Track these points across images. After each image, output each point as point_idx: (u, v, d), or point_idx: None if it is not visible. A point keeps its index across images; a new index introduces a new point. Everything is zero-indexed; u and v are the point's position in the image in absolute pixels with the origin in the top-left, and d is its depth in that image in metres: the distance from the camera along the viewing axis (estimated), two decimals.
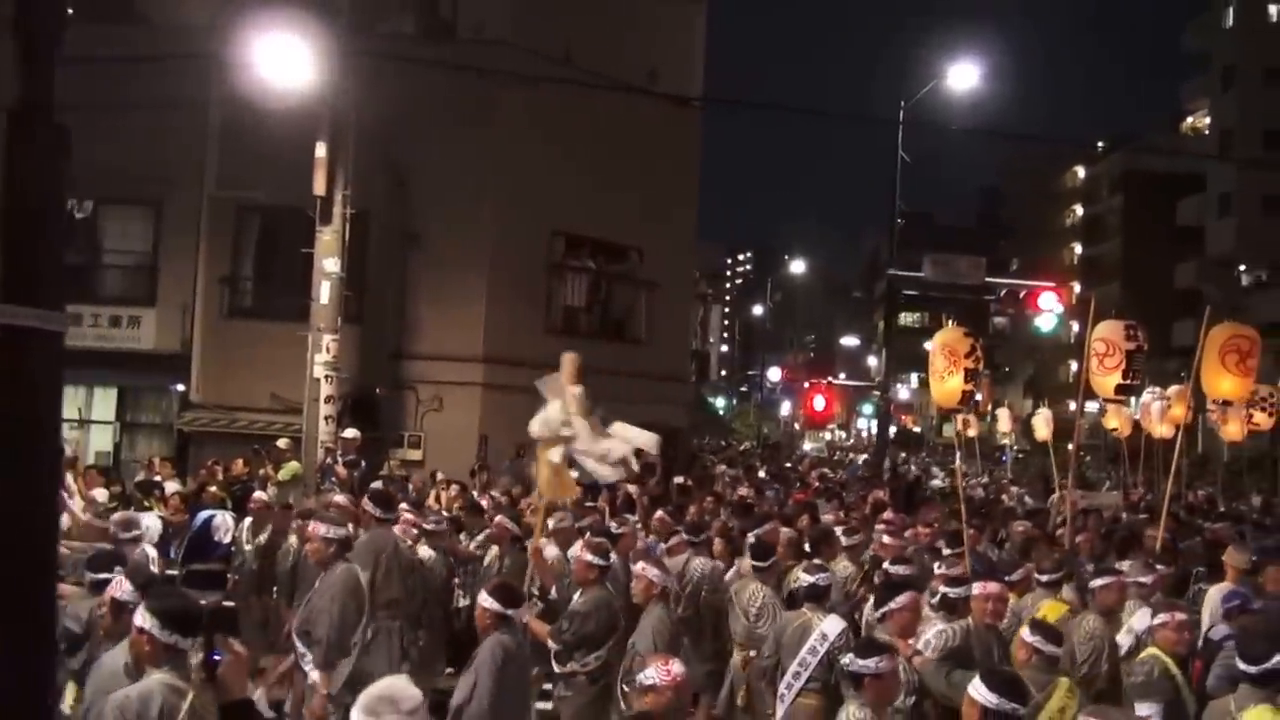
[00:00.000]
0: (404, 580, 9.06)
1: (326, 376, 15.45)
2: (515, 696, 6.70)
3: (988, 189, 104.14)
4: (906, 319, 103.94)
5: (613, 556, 8.84)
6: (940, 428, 72.06)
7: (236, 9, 16.41)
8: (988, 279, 28.08)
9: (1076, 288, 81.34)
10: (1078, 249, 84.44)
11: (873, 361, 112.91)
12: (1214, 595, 9.18)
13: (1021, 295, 26.46)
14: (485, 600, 6.65)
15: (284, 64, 14.87)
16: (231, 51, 15.36)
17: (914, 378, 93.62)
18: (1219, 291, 59.00)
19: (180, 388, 19.43)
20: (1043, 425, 23.24)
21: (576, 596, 8.42)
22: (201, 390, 19.23)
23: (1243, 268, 59.75)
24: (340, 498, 11.65)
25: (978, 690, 4.84)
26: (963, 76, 28.33)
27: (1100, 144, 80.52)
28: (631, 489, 15.11)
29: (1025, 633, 6.35)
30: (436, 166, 18.65)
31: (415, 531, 10.44)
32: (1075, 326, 50.74)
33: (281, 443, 15.91)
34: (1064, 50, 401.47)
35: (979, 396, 26.46)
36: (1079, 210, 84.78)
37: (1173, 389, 19.08)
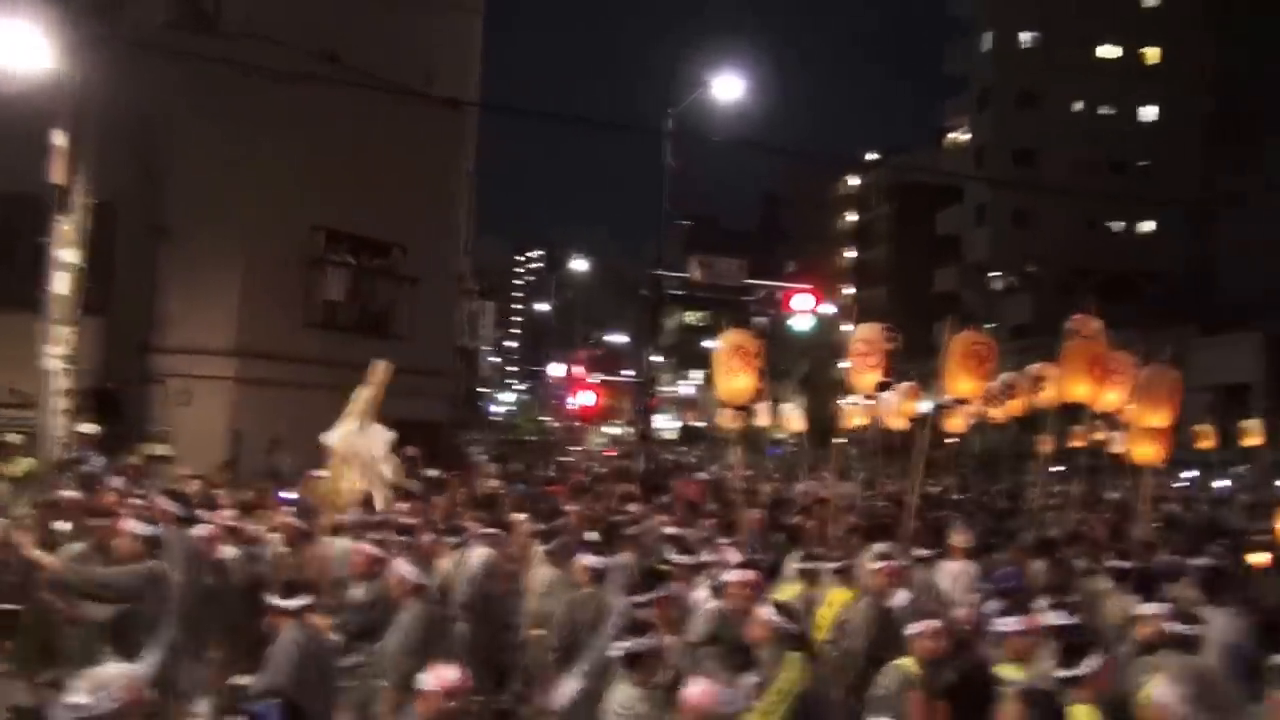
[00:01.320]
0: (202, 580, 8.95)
1: (65, 370, 14.90)
2: (316, 689, 6.72)
3: (769, 195, 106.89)
4: (691, 318, 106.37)
5: None
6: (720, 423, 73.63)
7: None
8: (748, 280, 29.00)
9: (850, 290, 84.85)
10: (850, 254, 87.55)
11: (655, 359, 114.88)
12: (954, 569, 10.20)
13: (777, 296, 27.41)
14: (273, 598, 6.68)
15: (13, 47, 14.27)
16: None
17: (699, 375, 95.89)
18: (975, 296, 62.43)
19: None
20: (796, 419, 24.20)
21: (358, 589, 8.48)
22: None
23: (996, 274, 63.21)
24: (71, 494, 11.33)
25: None
26: (729, 87, 29.01)
27: (873, 155, 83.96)
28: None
29: (765, 612, 6.63)
30: (192, 159, 18.22)
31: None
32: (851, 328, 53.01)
33: (12, 438, 15.22)
34: (844, 67, 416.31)
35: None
36: (851, 217, 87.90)
37: (903, 385, 20.16)
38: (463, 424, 23.18)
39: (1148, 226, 63.68)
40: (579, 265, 69.79)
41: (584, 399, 36.36)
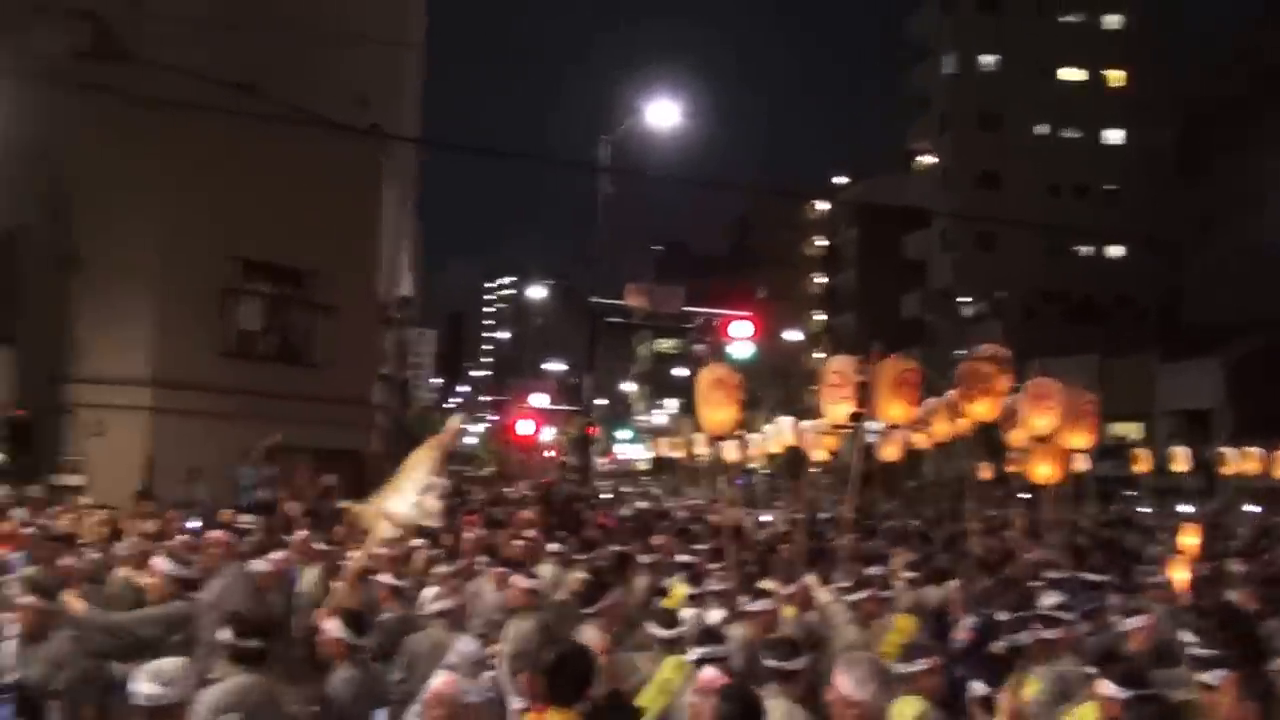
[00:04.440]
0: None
1: None
2: None
3: (741, 219, 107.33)
4: (664, 345, 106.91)
5: None
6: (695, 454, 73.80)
7: None
8: (685, 308, 29.60)
9: (820, 316, 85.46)
10: (820, 279, 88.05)
11: (629, 387, 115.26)
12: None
13: (714, 323, 27.98)
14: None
15: None
16: None
17: (673, 403, 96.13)
18: (942, 321, 62.97)
19: None
20: (771, 444, 24.60)
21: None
22: None
23: (963, 299, 63.70)
24: None
25: None
26: (664, 114, 29.65)
27: (841, 179, 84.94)
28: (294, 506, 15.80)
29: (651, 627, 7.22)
30: (103, 188, 18.74)
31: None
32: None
33: None
34: (811, 91, 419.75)
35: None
36: (820, 242, 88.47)
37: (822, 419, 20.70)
38: (395, 454, 23.53)
39: (1115, 251, 64.29)
40: (537, 292, 70.13)
41: (523, 428, 36.82)
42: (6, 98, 15.88)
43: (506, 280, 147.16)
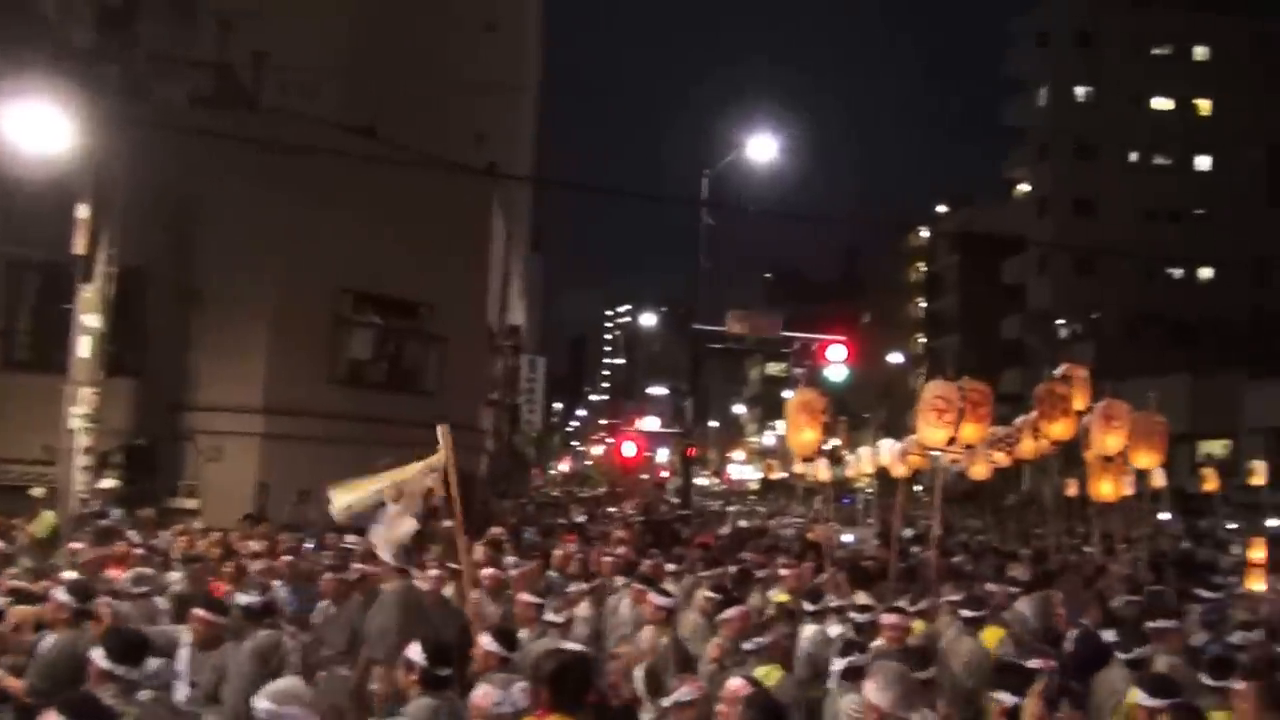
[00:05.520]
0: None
1: (87, 428, 15.12)
2: None
3: (850, 248, 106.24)
4: (773, 369, 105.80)
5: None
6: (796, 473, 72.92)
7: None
8: (784, 333, 28.65)
9: (923, 339, 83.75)
10: (923, 303, 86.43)
11: (739, 409, 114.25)
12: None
13: (812, 348, 27.03)
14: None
15: (45, 131, 14.63)
16: None
17: (782, 425, 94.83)
18: (1040, 342, 61.09)
19: None
20: (866, 464, 23.59)
21: None
22: None
23: (1060, 321, 61.84)
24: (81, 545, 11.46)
25: None
26: (763, 148, 28.65)
27: (943, 208, 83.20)
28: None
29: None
30: (223, 225, 18.50)
31: None
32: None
33: (35, 491, 15.46)
34: (915, 122, 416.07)
35: (838, 442, 26.96)
36: (923, 267, 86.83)
37: (909, 438, 19.71)
38: (504, 476, 23.07)
39: (1206, 273, 62.23)
40: (649, 320, 69.72)
41: (628, 450, 36.15)
42: (135, 142, 15.62)
43: (623, 309, 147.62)
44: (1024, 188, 67.44)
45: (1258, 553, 15.20)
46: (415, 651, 5.93)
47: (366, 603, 9.35)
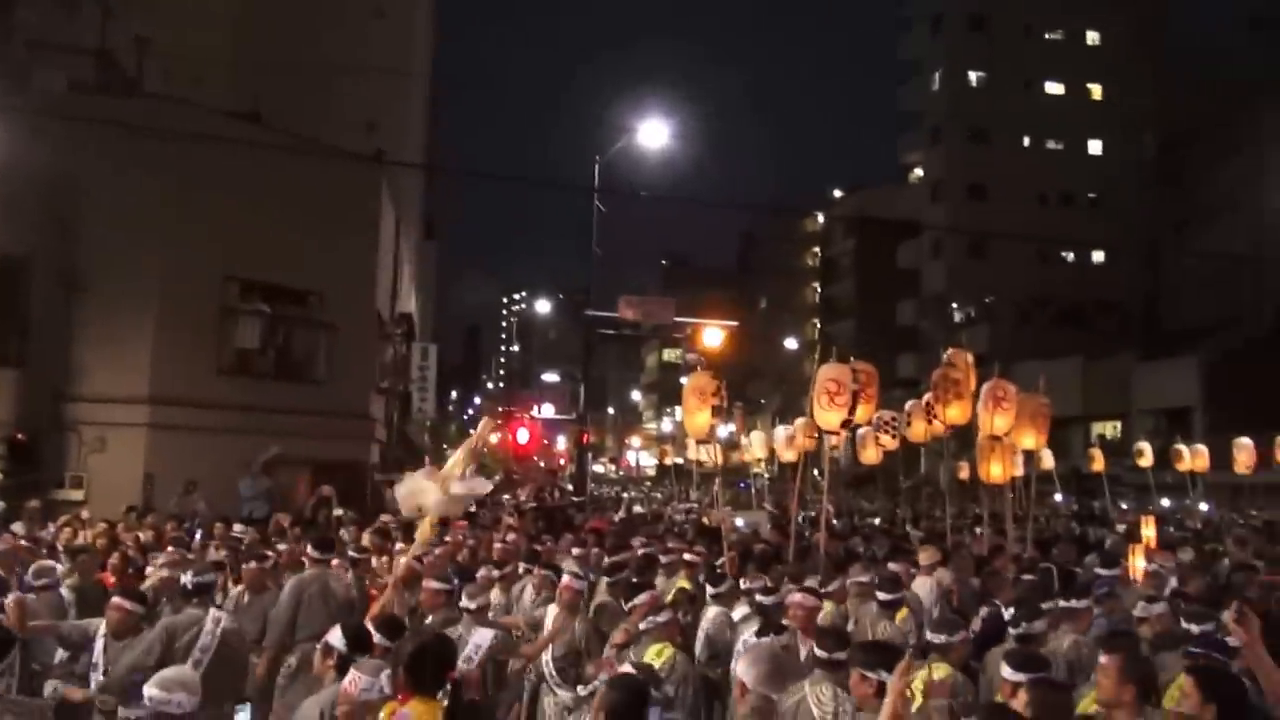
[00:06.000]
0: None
1: None
2: None
3: (745, 233, 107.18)
4: (670, 355, 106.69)
5: None
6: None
7: None
8: (677, 319, 29.46)
9: (818, 324, 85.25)
10: (819, 288, 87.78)
11: (637, 396, 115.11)
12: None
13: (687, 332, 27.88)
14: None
15: None
16: None
17: (677, 411, 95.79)
18: (934, 327, 62.78)
19: None
20: (759, 448, 24.46)
21: None
22: None
23: (954, 305, 63.55)
24: None
25: None
26: (655, 134, 29.28)
27: (839, 192, 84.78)
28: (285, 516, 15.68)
29: None
30: (107, 213, 18.58)
31: None
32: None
33: None
34: (810, 106, 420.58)
35: (734, 427, 27.63)
36: (819, 252, 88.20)
37: (798, 421, 20.69)
38: (396, 464, 23.44)
39: (1099, 257, 64.13)
40: (543, 307, 70.08)
41: (520, 437, 36.68)
42: (14, 130, 15.77)
43: (519, 296, 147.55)
44: (919, 172, 68.77)
45: (1148, 530, 16.06)
46: (335, 636, 6.04)
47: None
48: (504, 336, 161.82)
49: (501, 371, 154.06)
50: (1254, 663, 4.40)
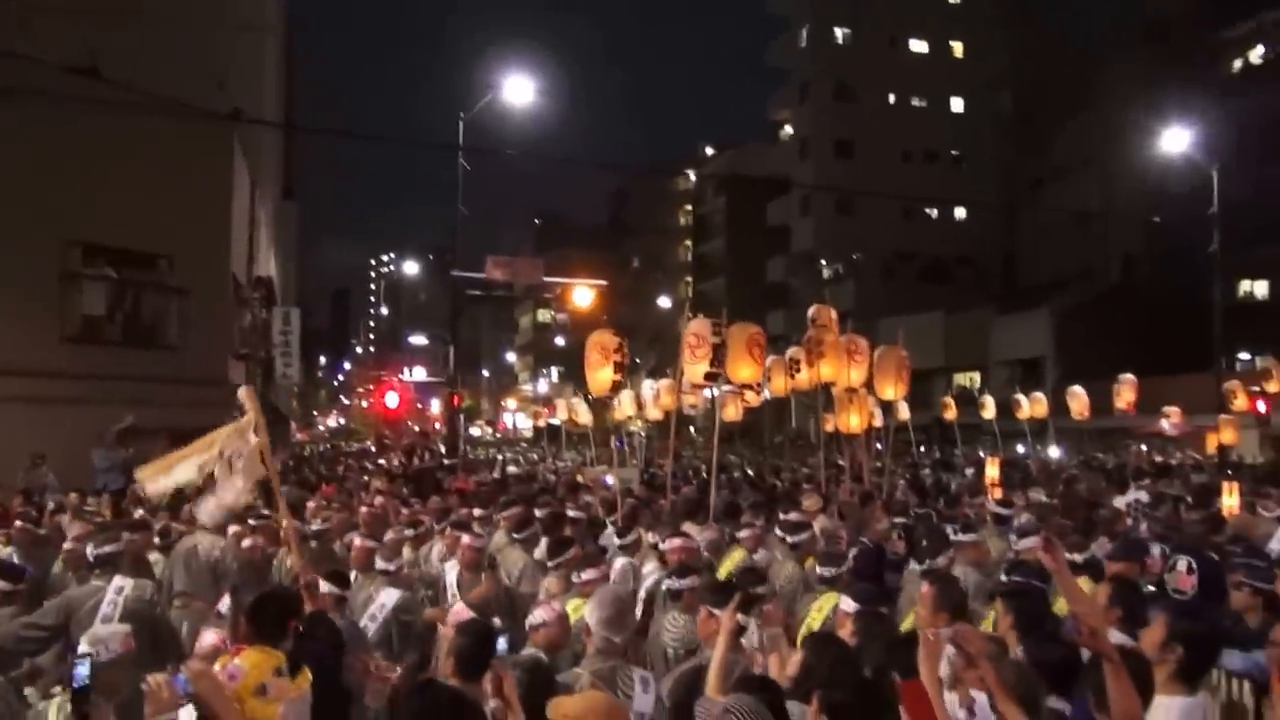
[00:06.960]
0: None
1: None
2: None
3: (617, 191, 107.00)
4: (545, 316, 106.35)
5: None
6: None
7: None
8: (546, 279, 29.33)
9: (689, 280, 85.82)
10: (690, 246, 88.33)
11: (511, 358, 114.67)
12: None
13: (558, 292, 27.87)
14: None
15: None
16: None
17: (555, 371, 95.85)
18: (803, 284, 63.74)
19: None
20: (628, 405, 24.56)
21: None
22: None
23: (823, 262, 64.55)
24: None
25: None
26: (520, 90, 28.99)
27: (710, 150, 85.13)
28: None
29: None
30: None
31: None
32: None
33: None
34: (681, 62, 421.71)
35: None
36: (690, 210, 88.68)
37: (663, 381, 20.95)
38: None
39: (960, 214, 65.63)
40: (411, 268, 69.13)
41: (390, 401, 36.22)
42: None
43: (387, 258, 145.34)
44: (788, 129, 69.44)
45: (992, 470, 17.30)
46: (225, 605, 6.18)
47: None
48: (373, 299, 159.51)
49: (371, 335, 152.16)
50: (1062, 586, 4.74)
